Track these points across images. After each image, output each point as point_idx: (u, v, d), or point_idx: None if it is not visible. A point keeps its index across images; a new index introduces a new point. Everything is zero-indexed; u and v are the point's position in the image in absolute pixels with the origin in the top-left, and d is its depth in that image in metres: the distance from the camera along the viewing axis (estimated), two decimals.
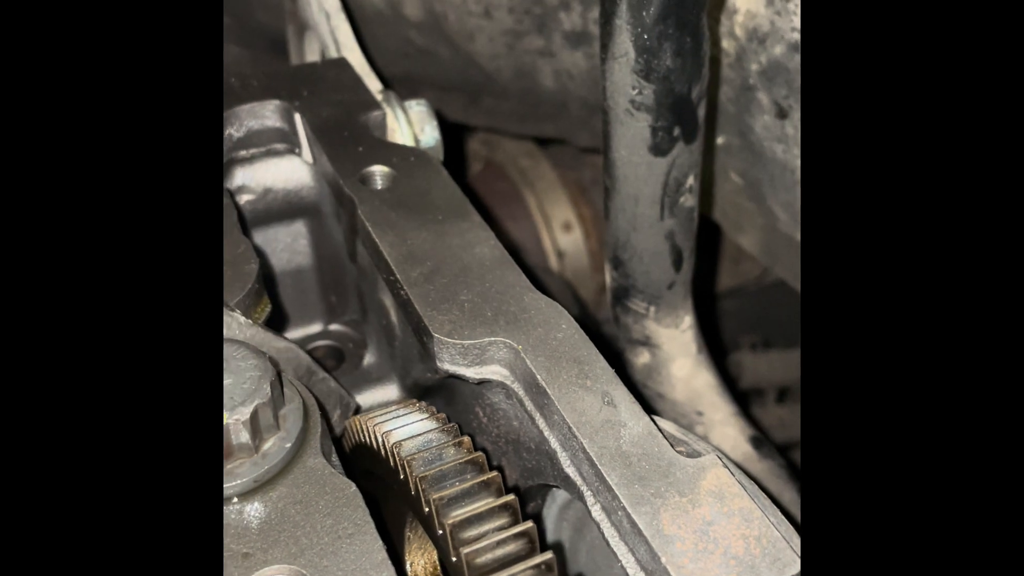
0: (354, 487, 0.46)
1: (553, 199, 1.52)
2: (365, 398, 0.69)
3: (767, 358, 1.62)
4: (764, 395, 1.64)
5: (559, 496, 0.60)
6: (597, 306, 1.48)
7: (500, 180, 1.53)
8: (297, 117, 0.73)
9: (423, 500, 0.46)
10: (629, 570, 0.45)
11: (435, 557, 0.57)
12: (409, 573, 0.56)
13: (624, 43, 0.62)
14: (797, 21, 0.72)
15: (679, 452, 0.48)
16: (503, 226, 1.46)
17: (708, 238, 1.41)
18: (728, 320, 1.60)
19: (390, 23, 1.07)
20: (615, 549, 0.46)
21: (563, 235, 1.51)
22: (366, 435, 0.54)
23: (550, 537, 0.61)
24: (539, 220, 1.51)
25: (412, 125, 0.76)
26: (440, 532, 0.45)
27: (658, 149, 0.67)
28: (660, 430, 0.49)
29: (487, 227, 0.63)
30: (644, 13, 0.59)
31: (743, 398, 1.57)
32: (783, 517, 0.48)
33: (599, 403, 0.50)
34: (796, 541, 0.47)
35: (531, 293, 0.57)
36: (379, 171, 0.67)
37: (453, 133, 1.40)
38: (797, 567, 0.43)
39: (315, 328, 0.79)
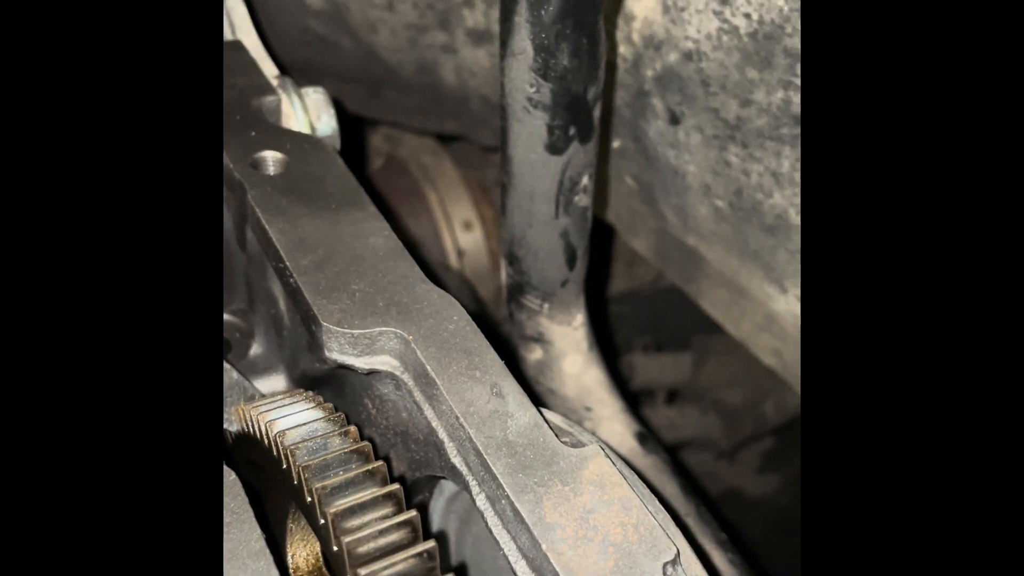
0: (233, 475, 0.45)
1: (454, 197, 1.52)
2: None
3: (659, 360, 1.67)
4: (655, 396, 1.69)
5: (447, 488, 0.60)
6: (497, 305, 1.49)
7: (401, 176, 1.52)
8: None
9: (306, 489, 0.45)
10: (510, 557, 0.45)
11: (317, 549, 0.56)
12: (291, 565, 0.55)
13: (523, 40, 0.62)
14: (692, 30, 0.74)
15: (564, 442, 0.49)
16: (403, 223, 1.46)
17: (602, 241, 1.44)
18: (622, 322, 1.64)
19: (290, 9, 1.05)
20: (498, 537, 0.46)
21: (464, 234, 1.51)
22: (249, 424, 0.53)
23: (436, 529, 0.61)
24: (440, 218, 1.51)
25: (308, 112, 0.74)
26: (322, 522, 0.44)
27: (554, 148, 0.68)
28: (546, 421, 0.50)
29: (382, 217, 0.62)
30: (543, 12, 0.60)
31: (634, 398, 1.62)
32: (661, 506, 0.50)
33: (487, 394, 0.50)
34: (673, 529, 0.49)
35: (424, 284, 0.57)
36: (271, 156, 0.65)
37: (354, 126, 1.39)
38: (672, 553, 0.45)
39: None
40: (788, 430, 1.81)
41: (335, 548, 0.43)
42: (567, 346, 0.83)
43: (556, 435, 0.49)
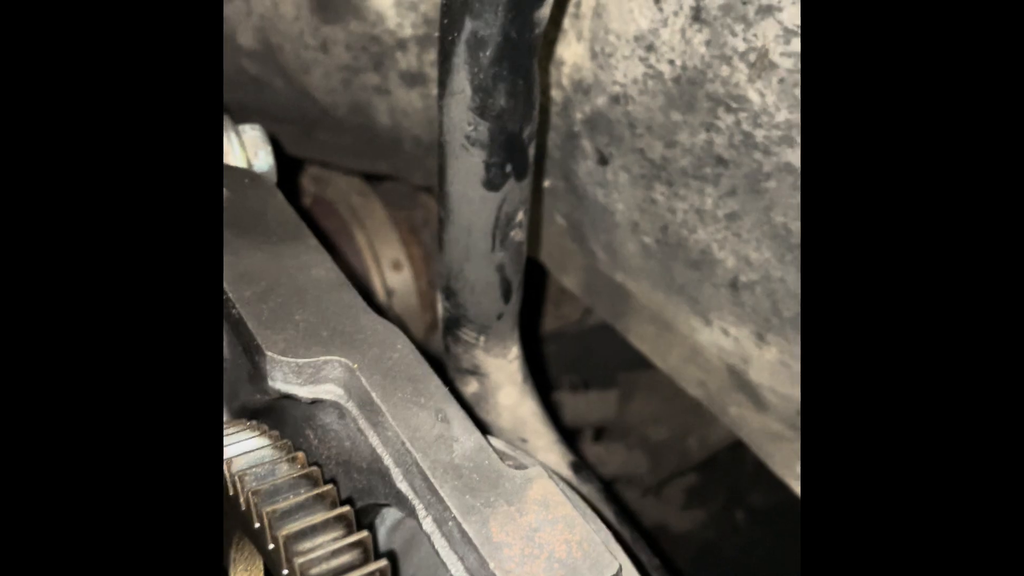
0: None
1: (383, 238, 1.53)
2: None
3: (586, 398, 1.70)
4: (582, 433, 1.71)
5: (388, 517, 0.61)
6: (427, 344, 1.49)
7: (330, 217, 1.53)
8: None
9: (255, 514, 0.45)
10: None
11: None
12: None
13: (461, 81, 0.65)
14: (619, 75, 0.78)
15: (508, 465, 0.51)
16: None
17: (533, 282, 1.47)
18: (549, 361, 1.67)
19: (223, 49, 1.06)
20: (445, 559, 0.47)
21: (392, 274, 1.52)
22: None
23: None
24: (368, 258, 1.52)
25: (245, 149, 0.75)
26: (272, 546, 0.44)
27: (491, 184, 0.70)
28: (490, 445, 0.51)
29: (323, 250, 0.63)
30: (481, 54, 0.63)
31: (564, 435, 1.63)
32: (602, 524, 0.52)
33: (433, 419, 0.52)
34: (613, 545, 0.51)
35: (367, 314, 0.58)
36: None
37: (287, 166, 1.39)
38: (614, 568, 0.46)
39: None
40: (711, 464, 1.86)
41: (285, 571, 0.43)
42: (503, 378, 0.84)
43: (500, 458, 0.50)
